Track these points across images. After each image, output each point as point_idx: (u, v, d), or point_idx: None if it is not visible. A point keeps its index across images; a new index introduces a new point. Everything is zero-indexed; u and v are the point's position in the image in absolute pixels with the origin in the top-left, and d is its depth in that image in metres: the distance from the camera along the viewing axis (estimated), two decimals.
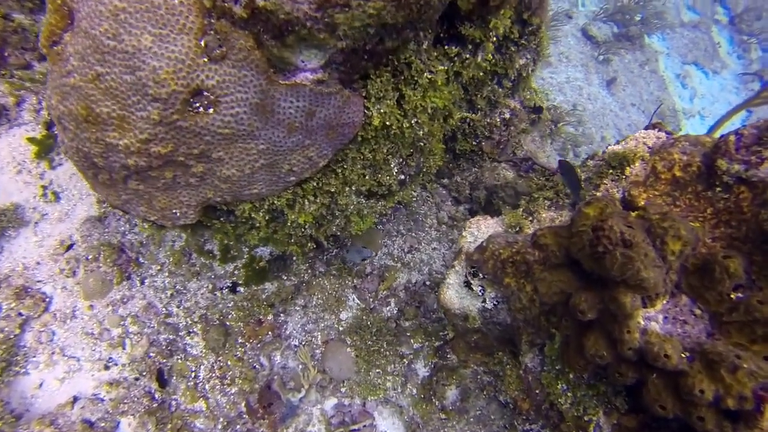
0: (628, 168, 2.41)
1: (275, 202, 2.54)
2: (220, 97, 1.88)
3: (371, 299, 3.81)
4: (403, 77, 2.32)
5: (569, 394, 2.27)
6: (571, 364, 2.07)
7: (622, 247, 1.67)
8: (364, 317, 3.62)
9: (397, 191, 3.25)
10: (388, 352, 3.49)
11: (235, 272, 3.61)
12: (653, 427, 2.01)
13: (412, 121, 2.55)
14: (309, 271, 3.82)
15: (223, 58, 1.80)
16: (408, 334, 3.65)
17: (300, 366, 3.44)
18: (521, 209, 3.03)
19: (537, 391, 2.52)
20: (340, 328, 3.60)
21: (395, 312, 3.76)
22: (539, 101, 4.75)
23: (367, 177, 2.80)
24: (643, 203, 2.16)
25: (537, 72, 4.84)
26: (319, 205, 2.68)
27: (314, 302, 3.68)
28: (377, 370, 3.44)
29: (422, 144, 2.94)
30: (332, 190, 2.63)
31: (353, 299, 3.77)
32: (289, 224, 2.94)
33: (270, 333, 3.51)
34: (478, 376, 3.27)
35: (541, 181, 3.71)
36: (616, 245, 1.68)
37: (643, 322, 1.81)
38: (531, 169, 4.44)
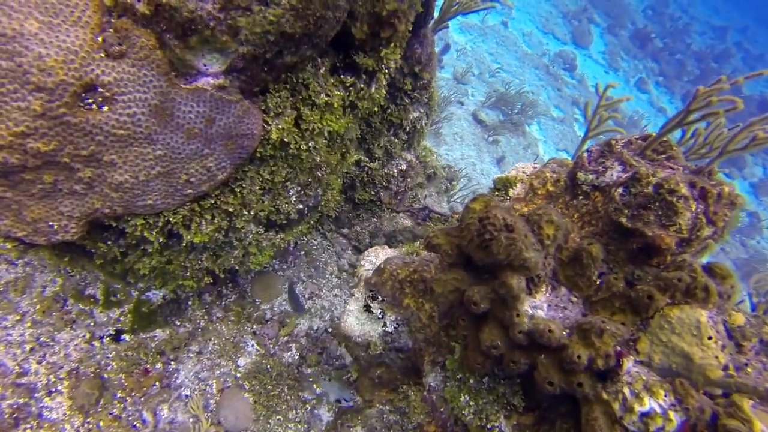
0: (510, 190, 2.70)
1: (171, 219, 2.44)
2: (116, 95, 1.86)
3: (271, 345, 3.63)
4: (301, 96, 2.47)
5: (471, 403, 2.30)
6: (470, 365, 2.13)
7: (505, 231, 1.85)
8: (263, 361, 3.42)
9: (296, 224, 3.28)
10: (289, 397, 3.29)
11: (120, 318, 3.28)
12: (547, 418, 2.09)
13: (310, 144, 2.67)
14: (206, 316, 3.59)
15: (122, 56, 1.82)
16: (310, 380, 3.49)
17: (191, 419, 3.09)
18: (419, 242, 3.19)
19: (441, 410, 2.51)
20: (238, 375, 3.35)
21: (296, 358, 3.60)
22: (434, 160, 5.18)
23: (266, 201, 2.81)
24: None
25: (435, 149, 5.32)
26: (216, 226, 2.62)
27: (210, 348, 3.42)
28: (278, 417, 3.20)
29: (320, 174, 3.05)
30: (230, 210, 2.59)
31: (252, 345, 3.56)
32: (184, 252, 2.81)
33: (157, 383, 3.16)
34: (384, 415, 3.18)
35: (439, 227, 3.96)
36: (500, 230, 1.86)
37: (530, 311, 1.95)
38: (428, 217, 4.72)
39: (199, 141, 2.20)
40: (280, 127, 2.43)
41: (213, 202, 2.53)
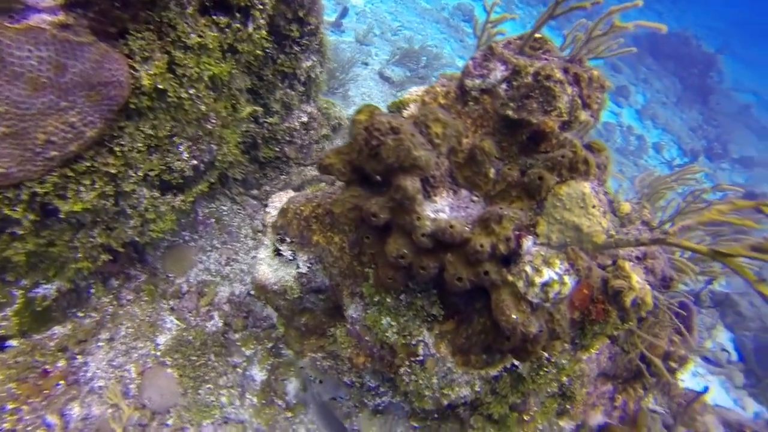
0: (404, 111, 2.68)
1: (37, 189, 2.17)
2: None
3: (192, 317, 3.45)
4: (170, 39, 2.26)
5: (393, 323, 2.31)
6: (382, 282, 2.12)
7: (392, 135, 1.82)
8: (184, 334, 3.24)
9: (194, 183, 3.08)
10: (217, 364, 3.16)
11: (2, 324, 2.91)
12: (466, 319, 2.15)
13: (190, 91, 2.47)
14: (114, 302, 3.31)
15: None
16: (238, 344, 3.37)
17: (109, 410, 2.88)
18: (324, 183, 3.12)
19: (366, 338, 2.51)
20: (158, 354, 3.16)
21: (220, 326, 3.45)
22: (337, 111, 5.07)
23: (154, 160, 2.60)
24: None
25: (344, 110, 5.20)
26: (99, 192, 2.37)
27: (123, 333, 3.18)
28: (208, 386, 3.07)
29: (211, 127, 2.86)
30: (113, 172, 2.36)
31: (171, 321, 3.36)
32: (68, 230, 2.54)
33: (62, 382, 2.88)
34: (317, 363, 3.14)
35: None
36: (386, 134, 1.83)
37: (432, 215, 1.96)
38: None
39: (50, 92, 1.94)
40: (151, 73, 2.21)
41: (89, 164, 2.28)
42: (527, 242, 1.81)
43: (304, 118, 4.44)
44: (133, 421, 2.85)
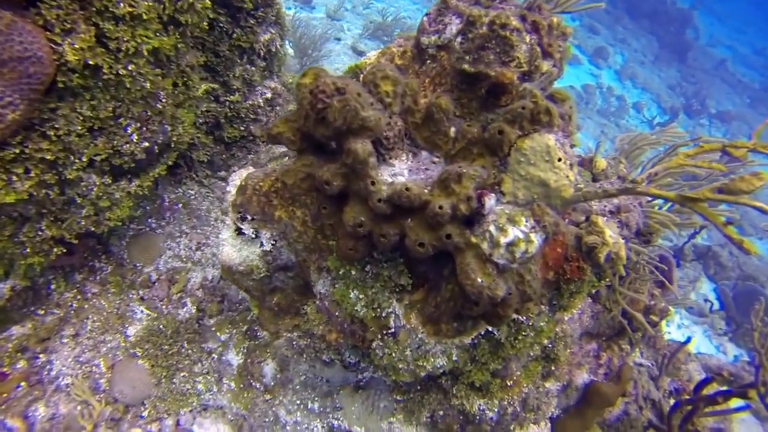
0: (361, 75, 2.54)
1: None
2: None
3: (163, 306, 3.33)
4: (95, 8, 2.08)
5: (361, 296, 2.22)
6: (344, 254, 2.02)
7: (338, 96, 1.69)
8: (155, 323, 3.13)
9: (150, 167, 2.93)
10: (191, 351, 3.07)
11: None
12: (434, 287, 2.07)
13: (129, 67, 2.30)
14: (78, 296, 3.19)
15: None
16: (213, 329, 3.27)
17: (78, 407, 2.77)
18: (287, 157, 2.98)
19: (336, 313, 2.42)
20: (128, 345, 3.05)
21: (194, 312, 3.35)
22: None
23: (99, 144, 2.44)
24: None
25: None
26: (36, 181, 2.22)
27: (89, 327, 3.06)
28: (182, 374, 2.98)
29: (160, 106, 2.70)
30: (49, 158, 2.20)
31: (141, 311, 3.25)
32: (9, 224, 2.39)
33: (23, 384, 2.76)
34: (294, 342, 3.07)
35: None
36: (332, 96, 1.70)
37: (389, 179, 1.85)
38: None
39: None
40: (76, 47, 2.04)
41: (17, 151, 2.12)
42: (490, 201, 1.71)
43: (268, 95, 4.26)
44: (105, 416, 2.76)
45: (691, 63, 20.56)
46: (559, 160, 1.78)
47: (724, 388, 3.65)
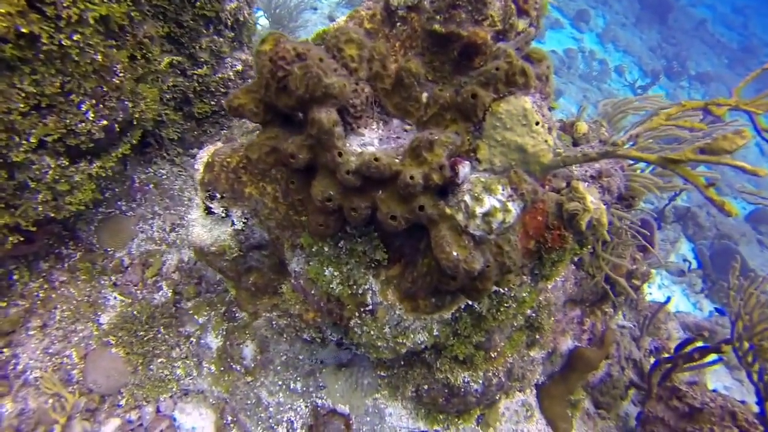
0: None
1: None
2: None
3: (137, 291, 3.22)
4: None
5: (336, 273, 2.14)
6: (315, 230, 1.92)
7: (298, 61, 1.56)
8: (129, 309, 3.03)
9: (112, 146, 2.77)
10: (168, 336, 2.98)
11: None
12: (411, 261, 1.99)
13: (74, 37, 2.12)
14: (45, 285, 3.05)
15: None
16: (191, 312, 3.18)
17: (49, 400, 2.68)
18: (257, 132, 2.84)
19: (312, 292, 2.35)
20: (101, 334, 2.95)
21: (170, 296, 3.24)
22: None
23: (49, 123, 2.27)
24: None
25: None
26: None
27: (58, 317, 2.94)
28: (160, 360, 2.90)
29: (117, 81, 2.52)
30: None
31: (114, 297, 3.14)
32: None
33: None
34: (273, 322, 2.99)
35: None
36: (293, 63, 1.57)
37: (358, 149, 1.74)
38: None
39: None
40: (2, 11, 1.85)
41: None
42: (464, 169, 1.62)
43: (239, 66, 4.06)
44: (80, 408, 2.68)
45: (672, 24, 20.40)
46: (537, 123, 1.69)
47: (700, 344, 3.71)
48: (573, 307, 3.69)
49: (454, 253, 1.56)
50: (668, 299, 4.56)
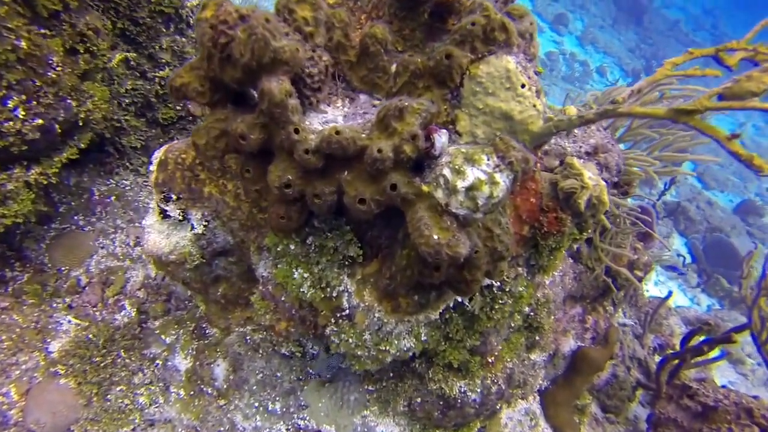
0: None
1: None
2: None
3: (96, 312, 2.92)
4: None
5: (306, 275, 1.88)
6: (276, 224, 1.67)
7: (241, 24, 1.33)
8: (84, 333, 2.73)
9: (52, 150, 2.50)
10: (129, 359, 2.67)
11: None
12: (389, 254, 1.74)
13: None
14: None
15: None
16: (157, 332, 2.88)
17: None
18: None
19: (282, 298, 2.08)
20: (48, 364, 2.63)
21: (133, 315, 2.95)
22: None
23: None
24: None
25: None
26: None
27: None
28: (119, 388, 2.59)
29: (53, 75, 2.27)
30: None
31: (68, 321, 2.83)
32: None
33: None
34: (247, 337, 2.71)
35: None
36: (235, 26, 1.33)
37: (319, 127, 1.50)
38: None
39: None
40: None
41: None
42: (441, 138, 1.38)
43: None
44: None
45: (647, 25, 20.70)
46: (523, 86, 1.46)
47: (703, 337, 3.53)
48: (573, 304, 3.45)
49: (435, 237, 1.32)
50: (669, 294, 4.35)
